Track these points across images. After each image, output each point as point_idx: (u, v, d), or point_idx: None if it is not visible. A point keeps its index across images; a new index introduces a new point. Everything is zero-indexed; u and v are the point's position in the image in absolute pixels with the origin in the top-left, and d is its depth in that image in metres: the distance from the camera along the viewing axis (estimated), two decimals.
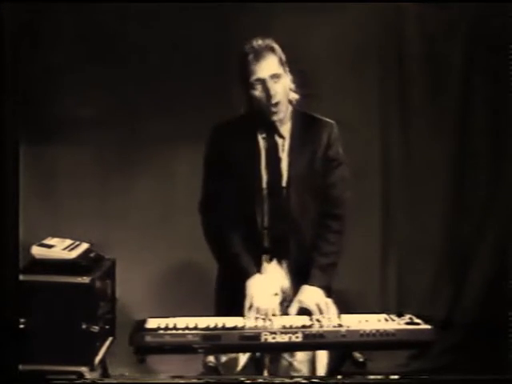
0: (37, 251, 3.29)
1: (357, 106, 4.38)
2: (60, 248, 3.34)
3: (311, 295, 2.81)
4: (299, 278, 2.86)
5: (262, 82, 2.76)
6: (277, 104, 2.77)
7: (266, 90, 2.75)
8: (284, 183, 2.84)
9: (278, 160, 2.84)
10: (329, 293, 2.87)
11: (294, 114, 2.89)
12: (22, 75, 3.14)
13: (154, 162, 4.49)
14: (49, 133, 4.51)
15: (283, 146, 2.86)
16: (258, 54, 2.76)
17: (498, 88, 4.41)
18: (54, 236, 3.51)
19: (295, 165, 2.84)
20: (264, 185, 2.84)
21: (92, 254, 3.47)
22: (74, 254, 3.31)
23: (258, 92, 2.77)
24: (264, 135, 2.87)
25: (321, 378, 2.84)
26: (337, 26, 4.33)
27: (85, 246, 3.48)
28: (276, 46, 2.81)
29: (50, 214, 4.47)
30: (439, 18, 4.42)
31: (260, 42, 2.80)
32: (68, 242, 3.45)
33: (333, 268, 2.89)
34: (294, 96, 2.88)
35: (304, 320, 2.69)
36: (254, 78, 2.76)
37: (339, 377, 2.71)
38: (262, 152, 2.86)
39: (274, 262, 2.89)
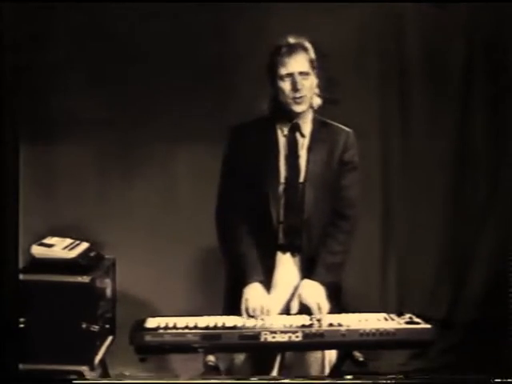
0: (37, 250, 3.29)
1: (356, 108, 4.37)
2: (60, 247, 3.34)
3: (311, 291, 2.84)
4: (310, 273, 2.90)
5: (291, 75, 2.88)
6: (302, 97, 2.88)
7: (294, 83, 2.87)
8: (301, 179, 2.93)
9: (297, 156, 2.94)
10: (335, 292, 2.90)
11: (315, 120, 3.00)
12: (22, 75, 3.14)
13: (154, 161, 4.49)
14: (49, 132, 4.50)
15: (303, 143, 2.96)
16: (292, 50, 2.89)
17: (498, 88, 4.42)
18: (54, 235, 3.51)
19: (313, 162, 2.93)
20: (282, 179, 2.93)
21: (92, 254, 3.47)
22: (73, 254, 3.31)
23: (285, 84, 2.88)
24: (285, 132, 2.96)
25: (320, 378, 2.83)
26: (336, 27, 4.32)
27: (85, 245, 3.48)
28: (309, 46, 2.93)
29: (50, 213, 4.47)
30: (439, 19, 4.41)
31: (294, 38, 2.93)
32: (68, 241, 3.45)
33: (339, 267, 2.94)
34: (317, 101, 2.99)
35: (304, 319, 2.70)
36: (284, 71, 2.88)
37: (340, 377, 2.71)
38: (282, 148, 2.96)
39: (288, 255, 2.94)
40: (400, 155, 4.53)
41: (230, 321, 2.67)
